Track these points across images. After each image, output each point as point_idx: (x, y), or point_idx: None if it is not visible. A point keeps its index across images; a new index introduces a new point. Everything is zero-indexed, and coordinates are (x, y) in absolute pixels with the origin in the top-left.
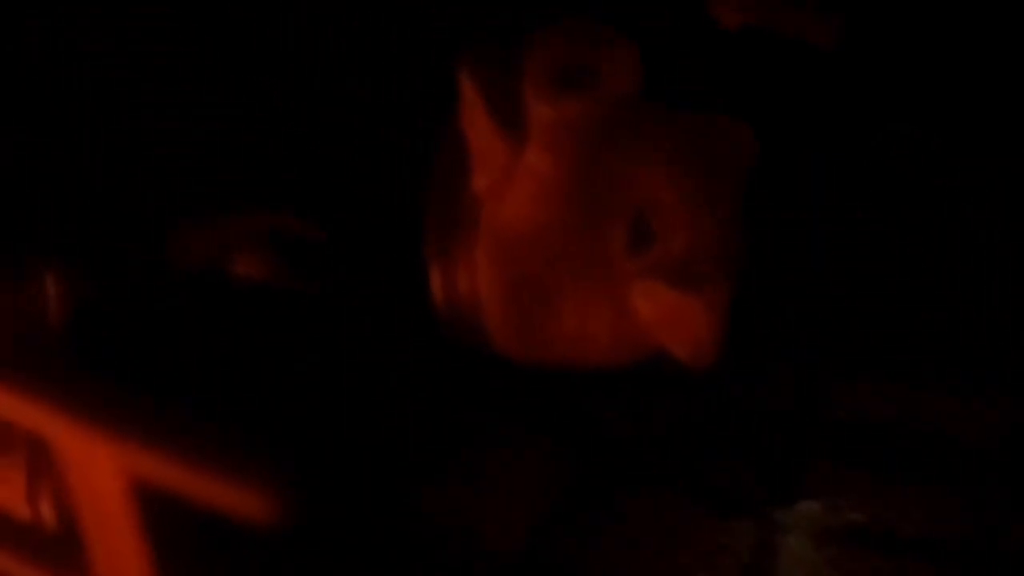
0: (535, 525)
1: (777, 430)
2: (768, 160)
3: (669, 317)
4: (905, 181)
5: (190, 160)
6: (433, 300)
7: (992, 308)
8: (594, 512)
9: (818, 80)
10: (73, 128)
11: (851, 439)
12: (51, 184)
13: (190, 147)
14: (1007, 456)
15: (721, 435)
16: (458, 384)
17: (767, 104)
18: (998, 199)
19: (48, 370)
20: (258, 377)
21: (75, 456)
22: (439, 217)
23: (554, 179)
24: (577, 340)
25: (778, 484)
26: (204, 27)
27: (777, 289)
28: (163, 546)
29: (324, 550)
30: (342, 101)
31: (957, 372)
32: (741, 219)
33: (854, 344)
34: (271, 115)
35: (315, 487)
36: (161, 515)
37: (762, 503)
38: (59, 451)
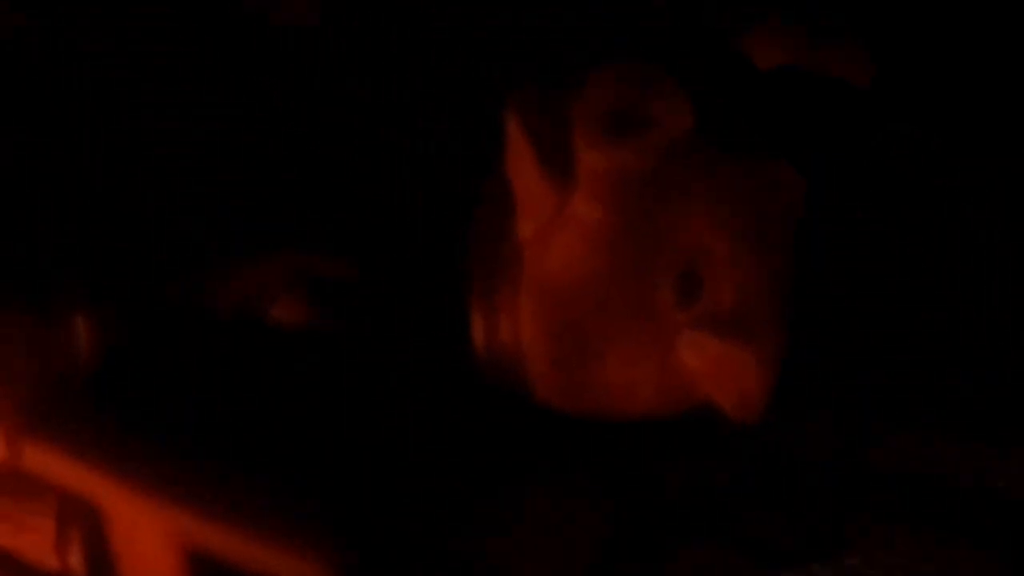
0: None
1: (818, 482)
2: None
3: (716, 369)
4: (928, 209)
5: (225, 201)
6: (474, 347)
7: None
8: (636, 563)
9: (855, 117)
10: (107, 168)
11: (892, 491)
12: (82, 224)
13: (226, 188)
14: None
15: (763, 487)
16: (499, 432)
17: (804, 141)
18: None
19: (90, 429)
20: (297, 427)
21: (123, 521)
22: (482, 262)
23: (602, 227)
24: (621, 390)
25: (819, 537)
26: (242, 67)
27: (818, 337)
28: None
29: None
30: (384, 142)
31: (1001, 423)
32: (791, 268)
33: (896, 394)
34: (309, 155)
35: (365, 548)
36: None
37: (803, 556)
38: (105, 515)
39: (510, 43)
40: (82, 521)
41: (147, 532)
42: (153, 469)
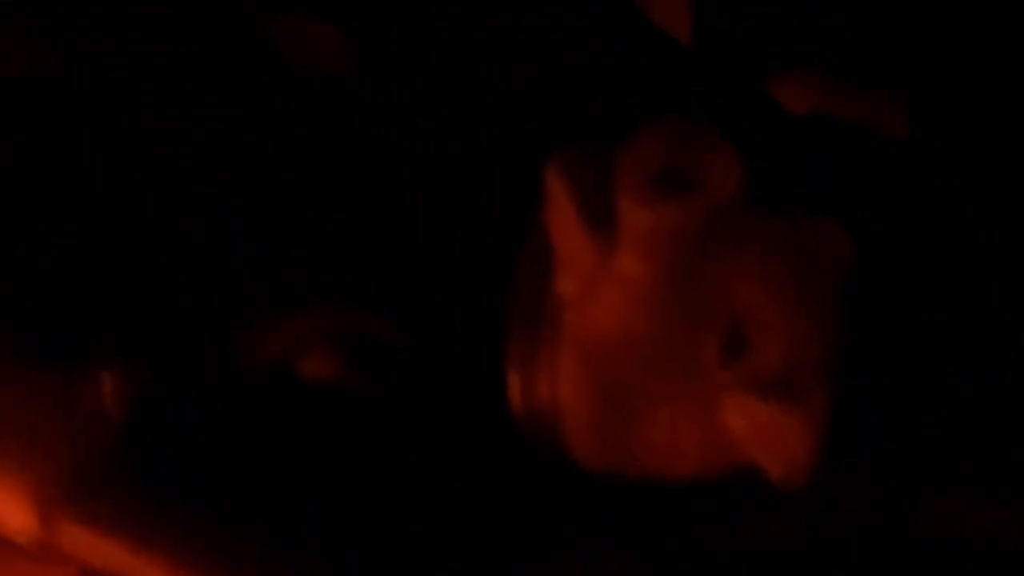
0: None
1: (862, 546)
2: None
3: (762, 432)
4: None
5: (259, 255)
6: (511, 406)
7: None
8: None
9: (891, 168)
10: (138, 219)
11: (938, 556)
12: (111, 277)
13: (260, 241)
14: None
15: (806, 551)
16: (536, 495)
17: (849, 197)
18: None
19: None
20: (331, 489)
21: None
22: (521, 320)
23: (646, 286)
24: (663, 453)
25: None
26: (280, 117)
27: (867, 399)
28: None
29: None
30: (422, 196)
31: None
32: (840, 327)
33: (943, 456)
34: (345, 208)
35: None
36: None
37: None
38: None
39: (551, 96)
40: None
41: None
42: (185, 546)
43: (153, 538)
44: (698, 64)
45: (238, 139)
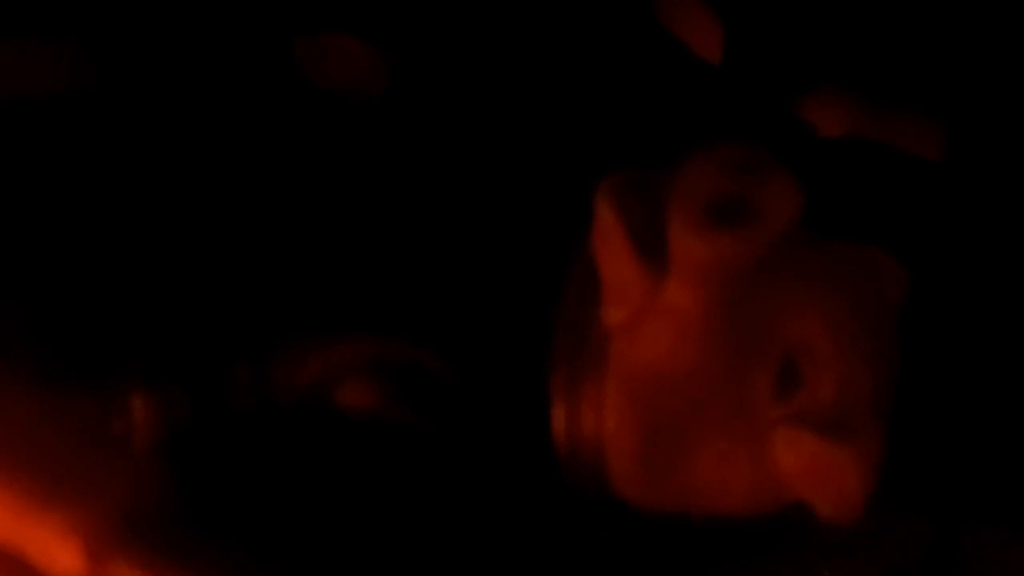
0: None
1: None
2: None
3: (814, 469)
4: None
5: (295, 281)
6: (555, 439)
7: None
8: None
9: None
10: (172, 240)
11: None
12: (143, 303)
13: (296, 267)
14: None
15: None
16: (579, 530)
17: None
18: None
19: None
20: (371, 521)
21: None
22: (566, 351)
23: (697, 318)
24: (709, 489)
25: None
26: (311, 140)
27: (911, 435)
28: None
29: None
30: (463, 222)
31: None
32: (894, 362)
33: (991, 495)
34: (385, 234)
35: None
36: None
37: None
38: None
39: (598, 121)
40: None
41: None
42: None
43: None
44: (731, 86)
45: (272, 161)
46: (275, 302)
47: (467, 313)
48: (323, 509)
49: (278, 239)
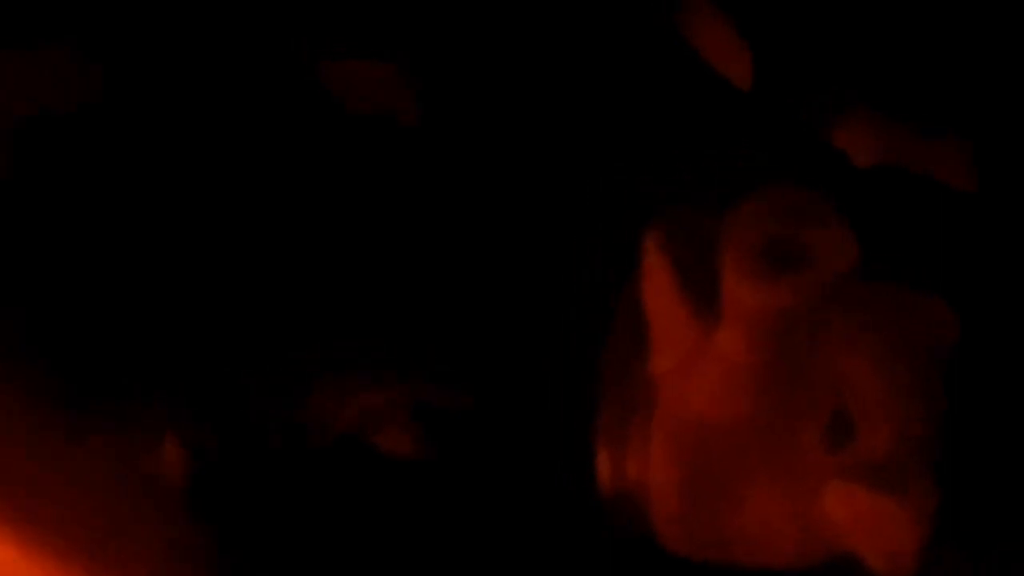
0: None
1: None
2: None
3: (866, 522)
4: None
5: (332, 318)
6: (599, 486)
7: None
8: None
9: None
10: (206, 276)
11: None
12: (174, 334)
13: (337, 302)
14: None
15: None
16: None
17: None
18: None
19: None
20: (405, 569)
21: None
22: (611, 395)
23: (748, 366)
24: (757, 541)
25: None
26: (344, 170)
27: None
28: None
29: None
30: (508, 262)
31: None
32: (945, 412)
33: None
34: (427, 271)
35: None
36: None
37: None
38: None
39: (645, 159)
40: None
41: None
42: None
43: None
44: (760, 111)
45: (305, 192)
46: (312, 340)
47: (511, 357)
48: (359, 555)
49: (315, 274)
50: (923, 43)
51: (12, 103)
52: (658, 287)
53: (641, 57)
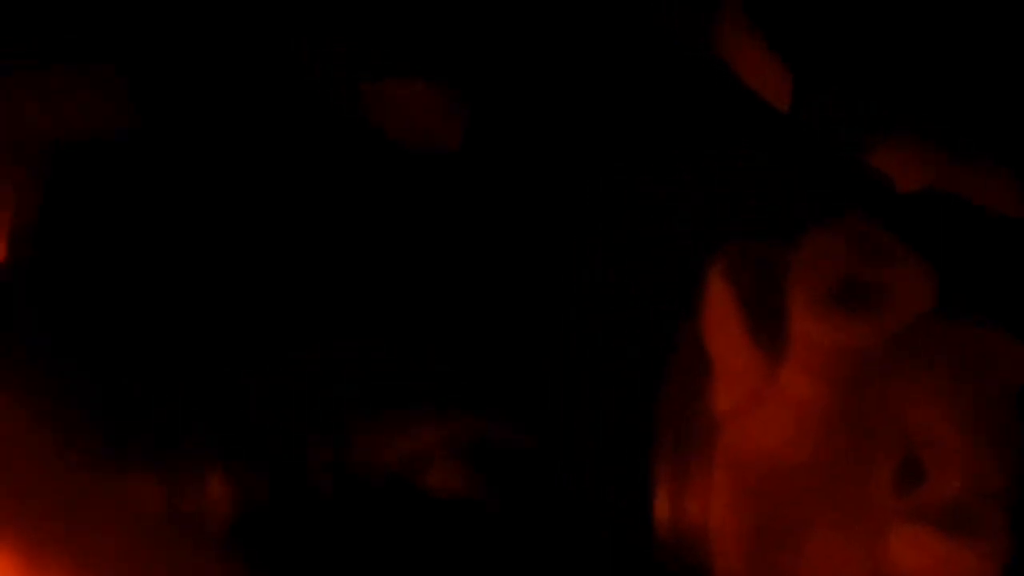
0: None
1: None
2: None
3: (938, 568)
4: None
5: (381, 353)
6: (657, 526)
7: None
8: None
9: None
10: (249, 310)
11: None
12: (217, 372)
13: (386, 336)
14: None
15: None
16: None
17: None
18: None
19: None
20: None
21: None
22: (671, 435)
23: (816, 407)
24: None
25: None
26: (387, 202)
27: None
28: None
29: None
30: (556, 291)
31: None
32: (1019, 453)
33: None
34: (479, 305)
35: None
36: None
37: None
38: None
39: (707, 189)
40: None
41: None
42: None
43: None
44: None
45: (340, 221)
46: (361, 373)
47: (565, 393)
48: None
49: (365, 308)
50: (965, 66)
51: (42, 123)
52: (721, 322)
53: (661, 67)
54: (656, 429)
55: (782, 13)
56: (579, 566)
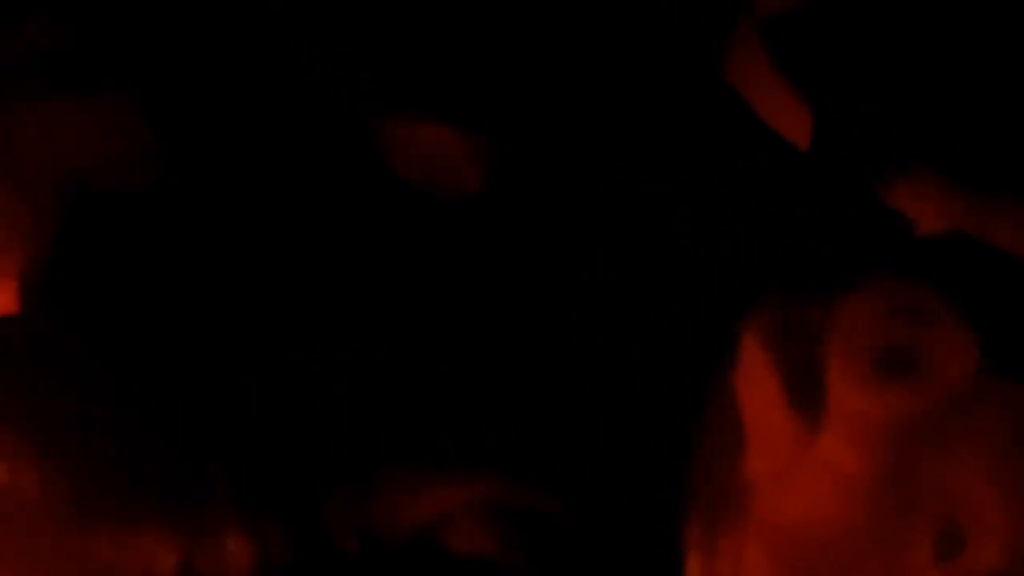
0: None
1: None
2: None
3: None
4: None
5: (406, 410)
6: None
7: None
8: None
9: None
10: (266, 359)
11: None
12: (235, 424)
13: (408, 390)
14: None
15: None
16: None
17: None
18: None
19: None
20: None
21: None
22: (702, 499)
23: (854, 475)
24: None
25: None
26: (412, 249)
27: None
28: None
29: None
30: (583, 347)
31: None
32: None
33: None
34: (508, 361)
35: None
36: None
37: None
38: None
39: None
40: None
41: None
42: None
43: None
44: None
45: (361, 274)
46: (383, 430)
47: (591, 453)
48: None
49: (383, 358)
50: (988, 101)
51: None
52: (755, 384)
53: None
54: (687, 491)
55: (799, 46)
56: None
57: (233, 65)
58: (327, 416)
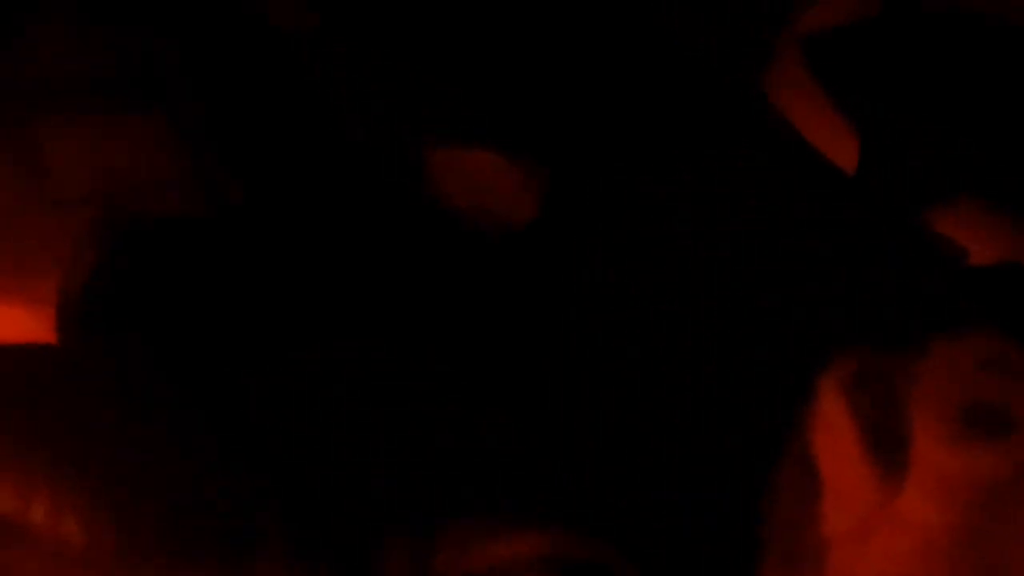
0: None
1: None
2: None
3: None
4: None
5: (465, 451)
6: None
7: None
8: None
9: None
10: (317, 401)
11: None
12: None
13: (465, 435)
14: None
15: None
16: None
17: None
18: None
19: None
20: None
21: None
22: (776, 556)
23: (938, 535)
24: None
25: None
26: (457, 278)
27: None
28: None
29: None
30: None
31: None
32: None
33: None
34: (565, 411)
35: None
36: None
37: None
38: None
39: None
40: None
41: None
42: None
43: None
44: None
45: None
46: (437, 480)
47: (655, 507)
48: None
49: (437, 402)
50: None
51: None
52: (836, 441)
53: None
54: (761, 546)
55: (843, 66)
56: None
57: (267, 84)
58: (379, 465)
